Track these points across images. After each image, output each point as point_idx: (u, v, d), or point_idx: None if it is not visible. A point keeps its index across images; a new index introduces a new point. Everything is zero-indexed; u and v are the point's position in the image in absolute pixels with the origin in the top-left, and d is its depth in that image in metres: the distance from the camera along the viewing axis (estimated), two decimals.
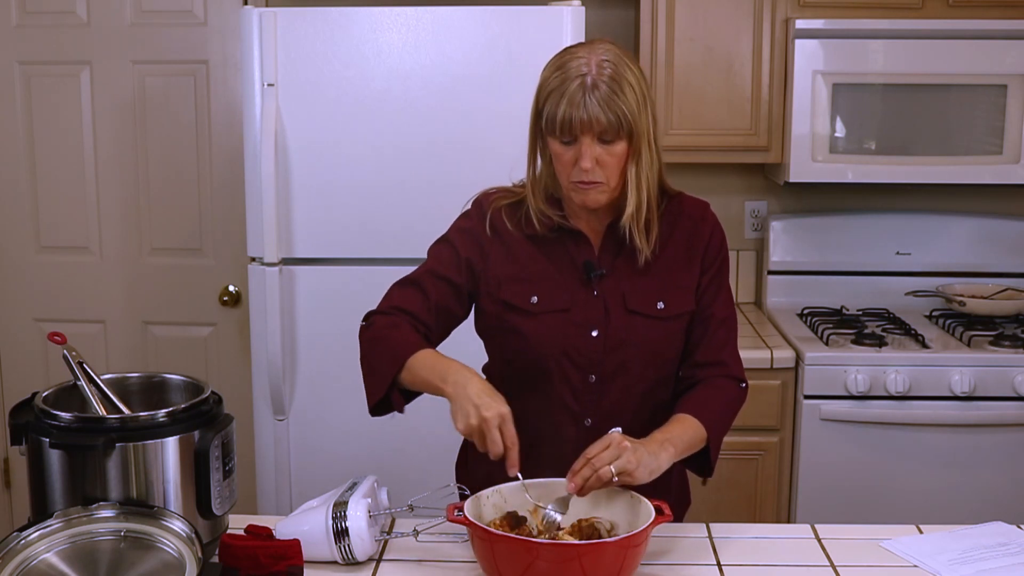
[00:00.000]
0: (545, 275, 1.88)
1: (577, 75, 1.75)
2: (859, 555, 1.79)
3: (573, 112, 1.74)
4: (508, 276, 1.89)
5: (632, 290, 1.87)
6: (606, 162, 1.77)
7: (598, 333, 1.86)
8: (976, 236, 3.50)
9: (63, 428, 1.60)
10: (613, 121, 1.74)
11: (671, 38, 3.19)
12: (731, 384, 1.92)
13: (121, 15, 3.49)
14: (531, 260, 1.89)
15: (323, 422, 2.94)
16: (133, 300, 3.63)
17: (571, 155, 1.78)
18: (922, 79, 3.13)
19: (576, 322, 1.86)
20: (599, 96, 1.73)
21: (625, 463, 1.66)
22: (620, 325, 1.86)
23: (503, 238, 1.91)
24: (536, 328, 1.87)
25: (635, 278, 1.88)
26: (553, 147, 1.81)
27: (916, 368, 2.95)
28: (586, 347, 1.86)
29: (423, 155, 2.83)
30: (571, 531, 1.67)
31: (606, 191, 1.81)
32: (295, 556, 1.64)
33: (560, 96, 1.75)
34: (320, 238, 2.88)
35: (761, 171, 3.54)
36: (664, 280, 1.88)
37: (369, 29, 2.80)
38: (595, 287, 1.87)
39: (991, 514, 2.05)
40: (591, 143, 1.76)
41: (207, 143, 3.54)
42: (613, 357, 1.86)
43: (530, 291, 1.88)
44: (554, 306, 1.87)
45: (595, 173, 1.77)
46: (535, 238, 1.89)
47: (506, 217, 1.91)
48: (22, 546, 1.51)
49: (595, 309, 1.87)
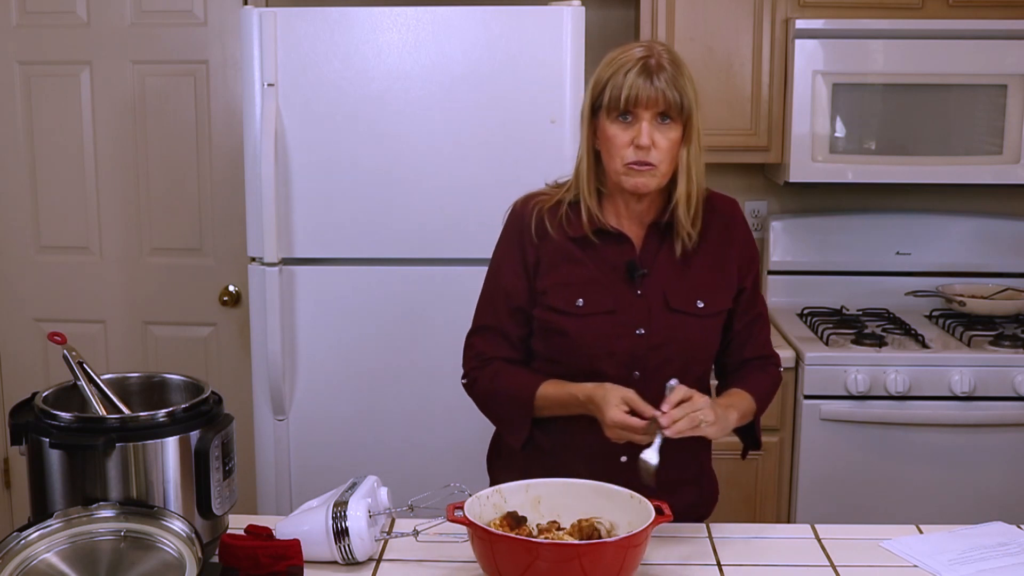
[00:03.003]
0: (590, 277, 1.92)
1: (641, 57, 1.82)
2: (859, 555, 1.79)
3: (640, 86, 1.79)
4: (555, 281, 1.93)
5: (672, 289, 1.92)
6: (661, 144, 1.82)
7: (643, 332, 1.90)
8: (976, 236, 3.50)
9: (63, 428, 1.60)
10: (677, 100, 1.81)
11: (671, 38, 3.19)
12: (775, 370, 2.06)
13: (121, 15, 3.49)
14: (576, 262, 1.92)
15: (323, 422, 2.94)
16: (133, 300, 3.63)
17: (628, 136, 1.82)
18: (922, 79, 3.13)
19: (622, 322, 1.90)
20: (665, 76, 1.81)
21: (710, 414, 1.76)
22: (663, 324, 1.91)
23: (549, 243, 1.93)
24: (583, 329, 1.90)
25: (675, 277, 1.92)
26: (608, 130, 1.84)
27: (916, 368, 2.95)
28: (631, 346, 1.90)
29: (423, 155, 2.83)
30: (571, 531, 1.68)
31: (656, 175, 1.85)
32: (295, 556, 1.64)
33: (624, 75, 1.81)
34: (320, 238, 2.88)
35: (761, 171, 3.54)
36: (702, 278, 1.94)
37: (369, 29, 2.80)
38: (638, 287, 1.91)
39: (991, 514, 2.05)
40: (650, 121, 1.81)
41: (207, 143, 3.54)
42: (656, 354, 1.91)
43: (576, 294, 1.91)
44: (600, 308, 1.90)
45: (651, 154, 1.82)
46: (578, 240, 1.92)
47: (548, 221, 1.94)
48: (22, 546, 1.51)
49: (640, 309, 1.91)
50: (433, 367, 2.89)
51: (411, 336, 2.91)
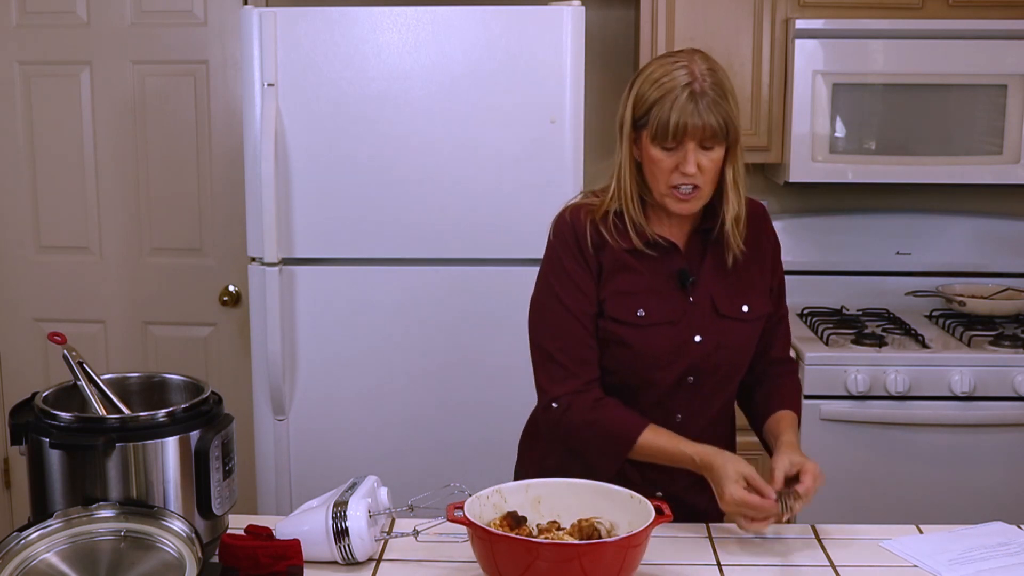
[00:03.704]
0: (647, 287, 1.92)
1: (684, 83, 1.80)
2: (859, 555, 1.79)
3: (685, 118, 1.78)
4: (613, 290, 1.92)
5: (719, 295, 1.93)
6: (706, 168, 1.83)
7: (701, 339, 1.91)
8: (976, 236, 3.50)
9: (63, 428, 1.60)
10: (721, 126, 1.80)
11: (671, 38, 3.19)
12: (797, 377, 2.10)
13: (121, 15, 3.49)
14: (632, 271, 1.92)
15: (323, 422, 2.93)
16: (133, 300, 3.63)
17: (672, 161, 1.82)
18: (922, 79, 3.13)
19: (681, 331, 1.91)
20: (707, 102, 1.79)
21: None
22: (715, 329, 1.92)
23: (606, 252, 1.91)
24: (645, 340, 1.91)
25: (720, 283, 1.94)
26: (653, 154, 1.84)
27: (916, 368, 2.95)
28: (690, 353, 1.92)
29: (423, 155, 2.83)
30: (571, 531, 1.68)
31: (701, 198, 1.86)
32: (295, 556, 1.64)
33: (670, 104, 1.79)
34: (320, 238, 2.88)
35: (761, 171, 3.54)
36: (744, 283, 1.96)
37: (369, 29, 2.80)
38: (690, 294, 1.92)
39: (991, 514, 2.05)
40: (695, 148, 1.81)
41: (207, 143, 3.54)
42: (710, 360, 1.93)
43: (636, 304, 1.91)
44: (662, 318, 1.91)
45: (696, 178, 1.82)
46: (630, 250, 1.91)
47: (603, 229, 1.92)
48: (22, 546, 1.51)
49: (696, 316, 1.92)
50: (433, 367, 2.89)
51: (411, 336, 2.91)
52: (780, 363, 2.07)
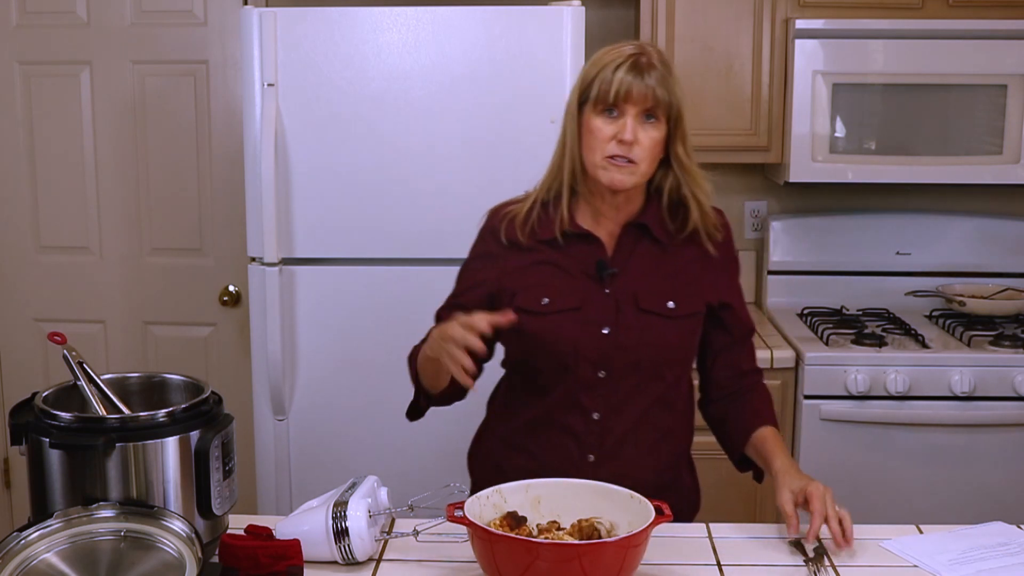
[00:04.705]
0: (557, 276, 1.91)
1: (632, 54, 1.82)
2: (859, 555, 1.79)
3: (630, 81, 1.79)
4: (524, 284, 1.92)
5: (644, 290, 1.90)
6: (643, 142, 1.81)
7: (609, 331, 1.88)
8: (976, 236, 3.50)
9: (63, 428, 1.60)
10: (665, 99, 1.81)
11: (671, 38, 3.19)
12: (764, 383, 2.05)
13: (121, 15, 3.49)
14: (545, 264, 1.92)
15: (323, 422, 2.94)
16: (133, 300, 3.63)
17: (611, 130, 1.81)
18: (922, 79, 3.13)
19: (587, 320, 1.89)
20: (655, 74, 1.80)
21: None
22: (632, 324, 1.89)
23: (520, 248, 1.93)
24: (546, 327, 1.89)
25: (648, 278, 1.91)
26: (592, 123, 1.83)
27: (916, 368, 2.95)
28: (596, 344, 1.89)
29: (423, 155, 2.83)
30: (571, 531, 1.68)
31: (636, 174, 1.84)
32: (295, 556, 1.64)
33: (615, 68, 1.80)
34: (320, 238, 2.88)
35: (761, 171, 3.54)
36: (678, 280, 1.92)
37: (369, 29, 2.80)
38: (607, 286, 1.89)
39: (991, 514, 2.05)
40: (636, 117, 1.80)
41: (207, 143, 3.54)
42: (625, 355, 1.89)
43: (542, 294, 1.90)
44: (566, 305, 1.90)
45: (632, 150, 1.81)
46: (548, 242, 1.92)
47: (518, 227, 1.93)
48: (22, 546, 1.51)
49: (606, 307, 1.89)
50: None
51: (411, 336, 2.89)
52: (750, 374, 2.03)
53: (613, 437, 1.92)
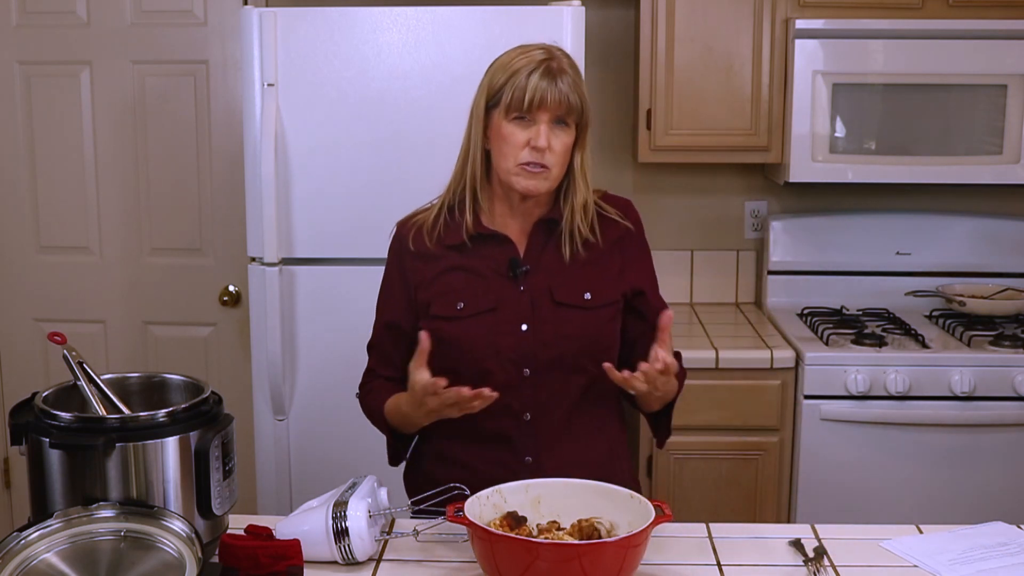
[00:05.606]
0: (470, 280, 1.92)
1: (542, 59, 1.83)
2: (859, 555, 1.79)
3: (544, 88, 1.80)
4: (437, 291, 1.93)
5: (559, 284, 1.91)
6: (556, 148, 1.83)
7: (527, 327, 1.89)
8: (976, 236, 3.50)
9: (63, 428, 1.60)
10: (576, 104, 1.83)
11: (671, 38, 3.19)
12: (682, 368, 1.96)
13: (121, 15, 3.49)
14: (457, 270, 1.93)
15: (323, 422, 2.93)
16: (133, 300, 3.63)
17: (524, 136, 1.83)
18: (922, 79, 3.13)
19: (504, 319, 1.90)
20: (568, 79, 1.82)
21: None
22: (549, 318, 1.90)
23: (427, 256, 1.94)
24: (466, 331, 1.90)
25: (562, 272, 1.92)
26: (505, 130, 1.84)
27: (916, 368, 2.95)
28: (516, 343, 1.89)
29: (423, 155, 2.83)
30: (571, 531, 1.68)
31: (549, 179, 1.86)
32: (295, 556, 1.64)
33: (527, 75, 1.81)
34: (320, 238, 2.88)
35: (761, 171, 3.54)
36: (589, 272, 1.92)
37: (369, 29, 2.80)
38: (521, 283, 1.90)
39: (991, 514, 2.05)
40: (548, 123, 1.82)
41: (207, 143, 3.54)
42: (547, 351, 1.89)
43: (456, 299, 1.91)
44: (480, 307, 1.90)
45: (545, 156, 1.82)
46: (458, 247, 1.93)
47: (426, 235, 1.95)
48: (22, 546, 1.51)
49: (522, 305, 1.90)
50: None
51: None
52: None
53: (546, 436, 1.91)
